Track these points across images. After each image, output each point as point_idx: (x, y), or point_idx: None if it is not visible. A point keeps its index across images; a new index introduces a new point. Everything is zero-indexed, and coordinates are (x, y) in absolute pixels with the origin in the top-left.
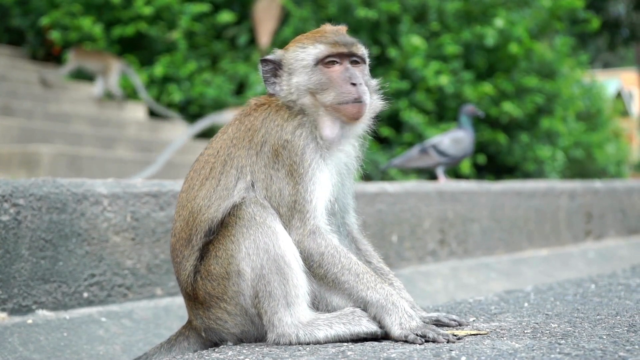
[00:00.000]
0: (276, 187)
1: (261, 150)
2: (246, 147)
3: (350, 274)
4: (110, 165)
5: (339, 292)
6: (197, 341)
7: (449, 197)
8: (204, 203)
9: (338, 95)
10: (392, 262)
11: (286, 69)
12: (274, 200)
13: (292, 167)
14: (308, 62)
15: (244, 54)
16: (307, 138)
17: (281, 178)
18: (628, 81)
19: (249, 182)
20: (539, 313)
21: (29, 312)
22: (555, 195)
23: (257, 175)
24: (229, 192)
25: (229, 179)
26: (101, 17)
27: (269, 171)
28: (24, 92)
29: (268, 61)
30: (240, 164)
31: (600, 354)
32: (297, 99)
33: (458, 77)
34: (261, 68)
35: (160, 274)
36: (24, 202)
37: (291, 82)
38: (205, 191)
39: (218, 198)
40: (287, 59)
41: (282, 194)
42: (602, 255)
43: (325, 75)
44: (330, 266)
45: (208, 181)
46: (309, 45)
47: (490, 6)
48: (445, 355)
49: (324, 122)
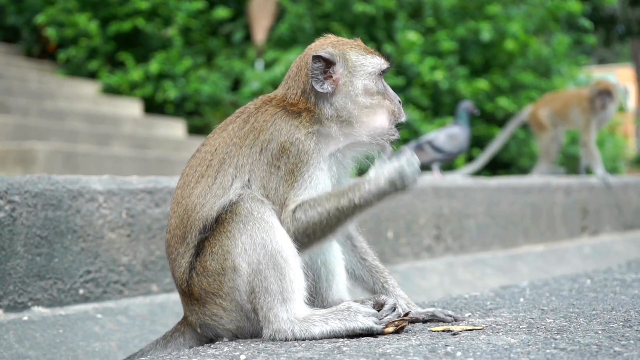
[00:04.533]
0: (274, 184)
1: (266, 148)
2: (249, 145)
3: (331, 211)
4: (106, 162)
5: (342, 228)
6: (192, 337)
7: (445, 193)
8: (199, 201)
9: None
10: (387, 258)
11: (347, 70)
12: (271, 197)
13: (296, 165)
14: (374, 70)
15: (239, 50)
16: (319, 143)
17: (281, 176)
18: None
19: (245, 181)
20: (534, 308)
21: (24, 308)
22: (551, 191)
23: (256, 173)
24: (225, 191)
25: (225, 178)
26: (97, 13)
27: (270, 169)
28: (19, 90)
29: (321, 58)
30: (240, 163)
31: (595, 348)
32: (348, 102)
33: (453, 72)
34: (313, 65)
35: (156, 270)
36: (20, 199)
37: (353, 84)
38: (201, 189)
39: (213, 196)
40: (349, 60)
41: (277, 192)
42: (597, 250)
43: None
44: (316, 224)
45: (204, 179)
46: (367, 54)
47: (485, 1)
48: (441, 350)
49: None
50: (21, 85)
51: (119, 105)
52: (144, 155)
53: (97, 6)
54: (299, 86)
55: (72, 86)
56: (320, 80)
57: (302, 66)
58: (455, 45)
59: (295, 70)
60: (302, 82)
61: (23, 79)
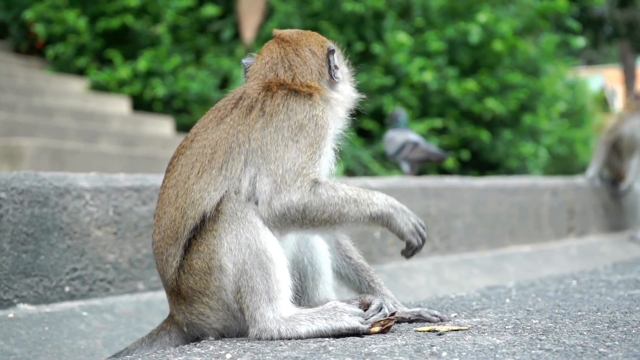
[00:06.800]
0: (291, 155)
1: (281, 126)
2: (260, 128)
3: (350, 205)
4: (94, 159)
5: (344, 225)
6: (178, 336)
7: (432, 193)
8: (200, 195)
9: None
10: (374, 257)
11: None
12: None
13: (315, 139)
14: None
15: (228, 48)
16: (332, 119)
17: (300, 148)
18: (611, 78)
19: (259, 165)
20: (520, 309)
21: (10, 306)
22: (538, 191)
23: (271, 154)
24: (232, 181)
25: (234, 167)
26: (86, 10)
27: (287, 142)
28: (6, 86)
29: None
30: (253, 147)
31: (580, 349)
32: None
33: (442, 73)
34: (331, 57)
35: (143, 268)
36: (6, 196)
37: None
38: (203, 183)
39: (215, 189)
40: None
41: (294, 162)
42: (584, 251)
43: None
44: (333, 207)
45: (206, 173)
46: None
47: (474, 2)
48: (426, 350)
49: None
50: (9, 82)
51: (107, 103)
52: (132, 153)
53: (86, 3)
54: (313, 72)
55: (60, 83)
56: (334, 70)
57: (308, 55)
58: (444, 46)
59: (300, 60)
60: (317, 70)
61: (11, 75)
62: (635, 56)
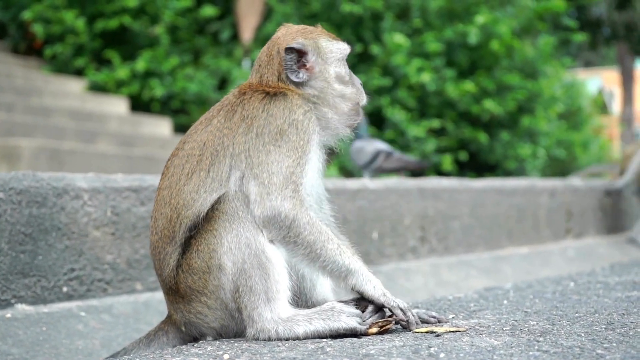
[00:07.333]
0: (275, 158)
1: (262, 132)
2: (243, 133)
3: (333, 244)
4: (92, 159)
5: (321, 261)
6: (176, 336)
7: (430, 194)
8: (191, 197)
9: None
10: (372, 258)
11: (319, 58)
12: (266, 175)
13: (298, 144)
14: (342, 55)
15: (226, 49)
16: (314, 123)
17: (283, 152)
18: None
19: (243, 169)
20: (518, 310)
21: (7, 306)
22: (535, 193)
23: (254, 157)
24: (220, 184)
25: (221, 169)
26: (84, 10)
27: (269, 147)
28: (5, 86)
29: (293, 50)
30: (237, 150)
31: (578, 351)
32: (326, 87)
33: (440, 74)
34: (286, 56)
35: (140, 269)
36: (4, 196)
37: (327, 71)
38: (193, 185)
39: (206, 191)
40: (321, 48)
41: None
42: (581, 253)
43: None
44: (319, 235)
45: (195, 174)
46: (333, 40)
47: (472, 4)
48: (424, 351)
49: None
50: (7, 82)
51: (105, 103)
52: (130, 153)
53: (84, 3)
54: (273, 73)
55: (58, 83)
56: (295, 70)
57: (274, 55)
58: (442, 47)
59: (266, 59)
60: (276, 70)
61: (9, 75)
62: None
